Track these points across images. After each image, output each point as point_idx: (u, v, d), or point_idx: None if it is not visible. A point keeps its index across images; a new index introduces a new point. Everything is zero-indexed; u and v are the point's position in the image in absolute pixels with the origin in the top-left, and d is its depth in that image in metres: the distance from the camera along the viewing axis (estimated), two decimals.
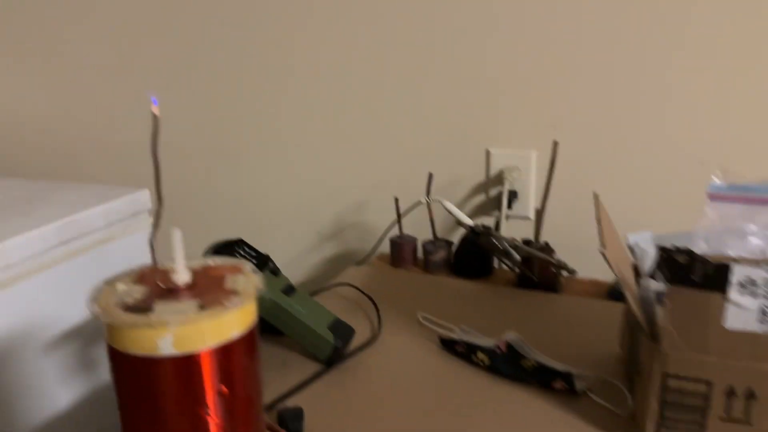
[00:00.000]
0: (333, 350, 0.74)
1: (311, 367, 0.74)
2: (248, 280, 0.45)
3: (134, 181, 1.29)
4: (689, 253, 0.62)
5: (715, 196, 0.65)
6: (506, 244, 0.89)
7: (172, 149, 1.25)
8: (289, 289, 0.76)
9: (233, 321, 0.42)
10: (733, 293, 0.54)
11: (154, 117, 0.40)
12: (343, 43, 1.07)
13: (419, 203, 0.99)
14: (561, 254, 0.91)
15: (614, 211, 0.94)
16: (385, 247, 1.07)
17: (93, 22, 1.25)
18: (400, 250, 1.01)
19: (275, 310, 0.73)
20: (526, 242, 0.91)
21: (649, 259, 0.70)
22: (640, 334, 0.63)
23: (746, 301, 0.54)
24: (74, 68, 1.30)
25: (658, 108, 0.92)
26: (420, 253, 1.04)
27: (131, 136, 1.28)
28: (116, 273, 0.46)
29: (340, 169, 1.13)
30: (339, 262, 1.17)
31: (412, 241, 1.01)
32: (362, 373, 0.73)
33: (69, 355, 0.94)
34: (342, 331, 0.76)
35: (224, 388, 0.42)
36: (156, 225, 0.42)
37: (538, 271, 0.90)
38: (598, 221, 0.64)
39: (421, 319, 0.83)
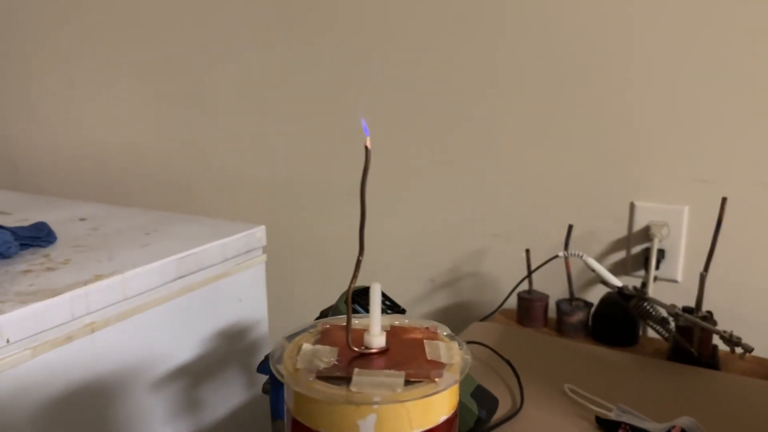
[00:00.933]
0: (476, 422, 0.66)
1: None
2: (450, 348, 0.38)
3: (244, 217, 1.26)
4: None
5: None
6: (664, 311, 0.80)
7: (287, 185, 1.22)
8: None
9: (443, 402, 0.35)
10: None
11: (367, 150, 0.34)
12: (471, 85, 1.01)
13: (556, 257, 0.90)
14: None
15: None
16: (510, 303, 0.99)
17: (216, 55, 1.24)
18: (530, 308, 0.92)
19: None
20: (686, 310, 0.80)
21: None
22: None
23: None
24: (194, 103, 1.29)
25: None
26: (551, 313, 0.95)
27: (248, 171, 1.26)
28: (296, 329, 0.40)
29: (460, 213, 1.06)
30: (452, 314, 1.09)
31: (544, 298, 0.93)
32: None
33: (176, 394, 0.90)
34: (486, 400, 0.67)
35: None
36: (355, 276, 0.36)
37: (698, 343, 0.79)
38: None
39: (568, 392, 0.74)
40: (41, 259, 0.85)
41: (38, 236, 0.89)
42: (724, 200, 0.79)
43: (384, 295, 0.72)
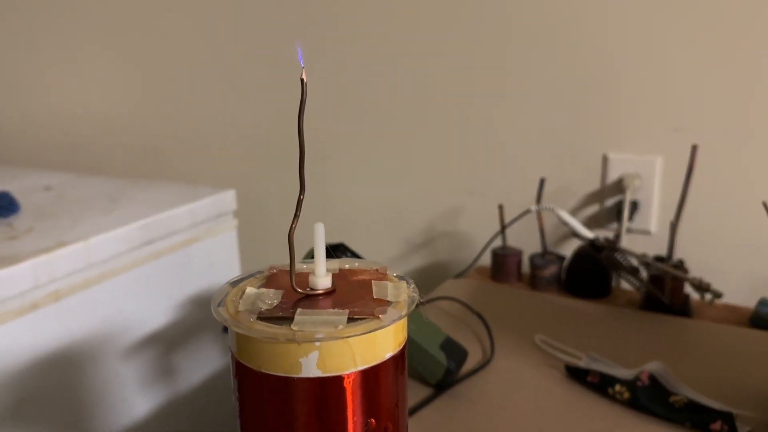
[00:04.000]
0: (445, 373, 0.65)
1: (420, 391, 0.66)
2: (398, 287, 0.37)
3: (217, 182, 1.24)
4: None
5: None
6: (635, 261, 0.79)
7: (262, 149, 1.20)
8: None
9: (388, 338, 0.34)
10: None
11: (303, 83, 0.33)
12: (441, 43, 0.99)
13: (528, 212, 0.90)
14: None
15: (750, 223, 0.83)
16: (485, 260, 0.98)
17: (182, 17, 1.21)
18: (504, 264, 0.92)
19: None
20: (658, 259, 0.80)
21: None
22: None
23: None
24: (162, 65, 1.26)
25: None
26: (525, 268, 0.95)
27: (216, 135, 1.24)
28: (241, 275, 0.39)
29: (432, 172, 1.05)
30: (428, 274, 1.09)
31: (517, 253, 0.92)
32: (477, 400, 0.64)
33: (148, 362, 0.89)
34: (454, 351, 0.67)
35: (372, 421, 0.34)
36: (296, 215, 0.35)
37: (669, 292, 0.79)
38: None
39: (539, 342, 0.74)
40: (3, 229, 0.83)
41: (0, 206, 0.87)
42: (694, 148, 0.79)
43: (350, 250, 0.71)
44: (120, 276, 0.84)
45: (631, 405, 0.62)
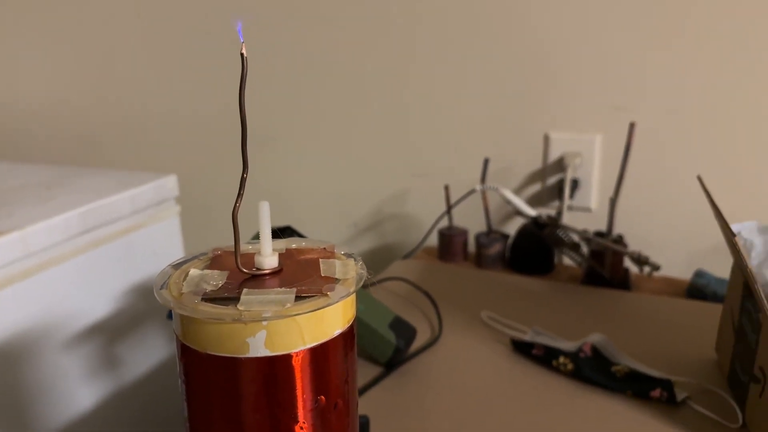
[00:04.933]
0: (394, 351, 0.66)
1: (370, 371, 0.66)
2: (346, 265, 0.37)
3: (158, 168, 1.21)
4: None
5: None
6: (576, 237, 0.82)
7: (204, 134, 1.17)
8: None
9: (337, 315, 0.34)
10: None
11: (243, 57, 0.32)
12: (383, 24, 0.99)
13: (473, 191, 0.91)
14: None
15: (685, 199, 0.86)
16: (432, 240, 0.99)
17: (118, 4, 1.17)
18: (450, 243, 0.93)
19: None
20: (598, 234, 0.83)
21: (756, 250, 0.62)
22: (754, 337, 0.55)
23: None
24: (99, 52, 1.22)
25: (746, 81, 0.84)
26: (471, 247, 0.96)
27: (155, 120, 1.20)
28: (184, 257, 0.38)
29: (378, 155, 1.05)
30: (377, 257, 1.09)
31: (463, 233, 0.93)
32: (426, 377, 0.65)
33: (92, 352, 0.86)
34: (403, 330, 0.68)
35: (322, 398, 0.34)
36: (240, 194, 0.34)
37: (609, 266, 0.82)
38: (713, 205, 0.56)
39: (485, 319, 0.75)
40: None
41: None
42: (632, 125, 0.81)
43: (297, 232, 0.71)
44: (59, 266, 0.82)
45: (574, 376, 0.64)
